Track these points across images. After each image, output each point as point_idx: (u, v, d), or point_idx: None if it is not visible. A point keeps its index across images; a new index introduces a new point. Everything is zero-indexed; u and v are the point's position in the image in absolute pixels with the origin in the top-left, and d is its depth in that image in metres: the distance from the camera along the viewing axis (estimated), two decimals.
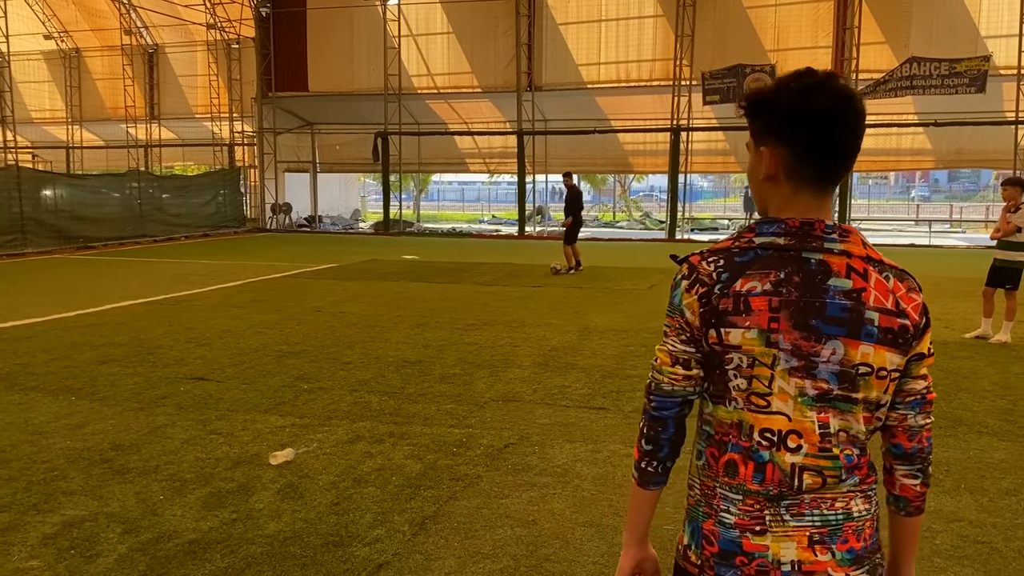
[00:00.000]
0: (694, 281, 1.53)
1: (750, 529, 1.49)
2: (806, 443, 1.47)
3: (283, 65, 27.17)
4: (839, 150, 1.50)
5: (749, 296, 1.47)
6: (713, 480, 1.54)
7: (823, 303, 1.45)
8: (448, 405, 5.98)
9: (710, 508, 1.54)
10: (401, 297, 11.62)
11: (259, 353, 7.74)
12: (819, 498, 1.48)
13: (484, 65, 25.19)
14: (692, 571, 1.56)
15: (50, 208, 19.40)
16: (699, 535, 1.55)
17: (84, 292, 12.06)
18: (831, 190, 1.54)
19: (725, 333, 1.48)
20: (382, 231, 26.73)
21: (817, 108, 1.47)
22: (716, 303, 1.49)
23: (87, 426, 5.41)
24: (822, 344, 1.45)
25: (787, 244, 1.48)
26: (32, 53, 32.16)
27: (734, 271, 1.49)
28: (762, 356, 1.47)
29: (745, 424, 1.50)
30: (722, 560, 1.51)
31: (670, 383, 1.58)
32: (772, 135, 1.53)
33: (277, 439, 5.16)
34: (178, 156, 33.54)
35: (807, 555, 1.47)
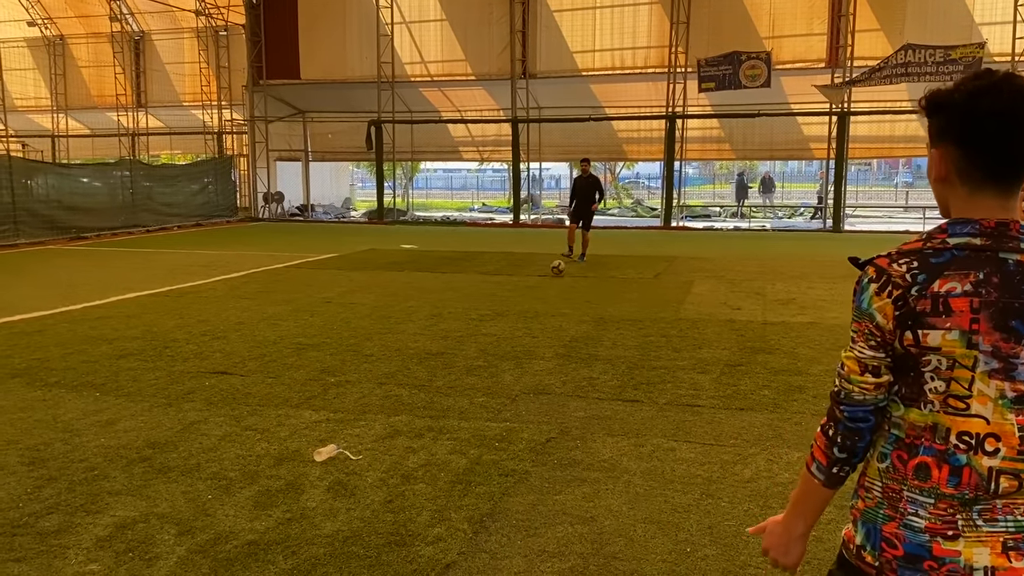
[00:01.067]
0: (885, 283, 1.50)
1: (941, 533, 1.48)
2: (1004, 446, 1.45)
3: (274, 52, 26.86)
4: (1012, 153, 1.47)
5: (949, 297, 1.45)
6: (900, 483, 1.53)
7: (1023, 304, 1.44)
8: (480, 398, 5.93)
9: (894, 511, 1.53)
10: (409, 287, 11.53)
11: (278, 345, 7.65)
12: (1012, 503, 1.47)
13: (478, 52, 25.01)
14: (869, 571, 1.55)
15: (42, 198, 19.11)
16: (877, 537, 1.54)
17: (86, 284, 11.90)
18: (1014, 192, 1.51)
19: (923, 335, 1.46)
20: (376, 220, 26.56)
21: (988, 110, 1.45)
22: (913, 304, 1.47)
23: (118, 423, 5.32)
24: (1022, 346, 1.44)
25: (983, 244, 1.47)
26: (15, 40, 31.62)
27: (931, 272, 1.47)
28: (963, 358, 1.45)
29: (941, 427, 1.48)
30: (908, 564, 1.50)
31: (861, 392, 1.56)
32: (944, 136, 1.52)
33: (315, 434, 5.10)
34: (165, 145, 33.15)
35: (1001, 561, 1.46)
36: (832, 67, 22.34)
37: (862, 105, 22.36)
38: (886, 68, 20.88)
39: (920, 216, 25.12)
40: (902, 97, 22.33)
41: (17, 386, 6.19)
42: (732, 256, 15.64)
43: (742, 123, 23.60)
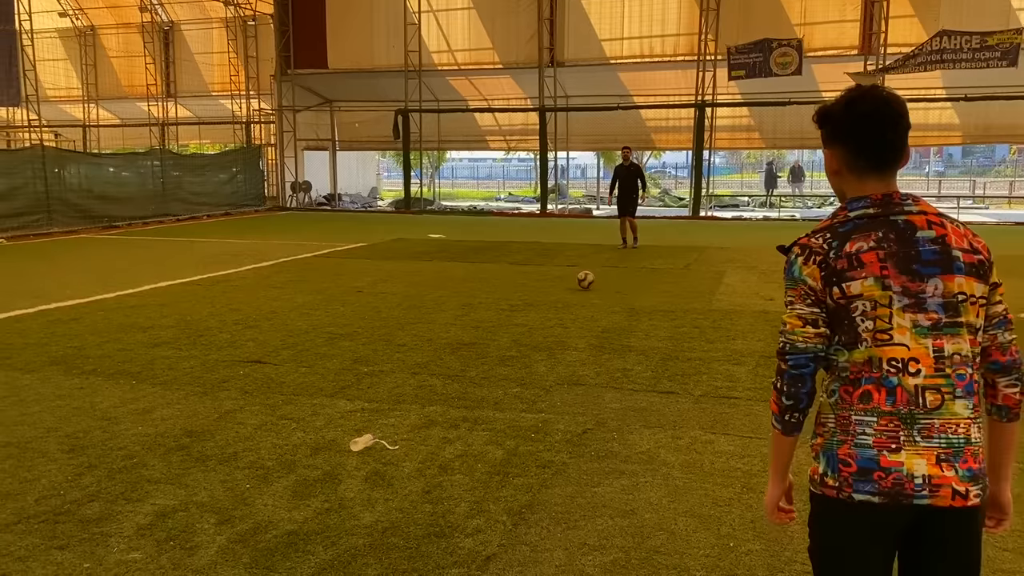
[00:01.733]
0: (808, 255, 1.87)
1: (886, 447, 1.80)
2: (923, 367, 1.80)
3: (302, 42, 26.93)
4: (883, 143, 1.89)
5: (860, 254, 1.82)
6: (848, 410, 1.85)
7: (917, 251, 1.82)
8: (514, 389, 5.90)
9: (845, 435, 1.84)
10: (438, 277, 11.52)
11: (310, 335, 7.67)
12: (945, 424, 1.80)
13: (505, 40, 24.91)
14: (830, 494, 1.85)
15: (74, 187, 19.33)
16: (834, 461, 1.85)
17: (119, 272, 12.01)
18: (890, 174, 1.91)
19: (847, 287, 1.82)
20: (403, 209, 26.60)
21: (860, 114, 1.89)
22: (833, 264, 1.83)
23: (155, 411, 5.35)
24: (925, 283, 1.81)
25: (876, 212, 1.86)
26: (48, 31, 31.96)
27: (841, 238, 1.85)
28: (881, 298, 1.81)
29: (875, 358, 1.82)
30: (861, 477, 1.81)
31: (804, 341, 1.87)
32: (833, 139, 1.95)
33: (350, 424, 5.09)
34: (194, 134, 33.42)
35: (935, 471, 1.78)
36: (865, 54, 21.98)
37: (896, 93, 21.96)
38: (921, 55, 20.50)
39: (954, 206, 24.67)
40: (935, 84, 21.97)
41: (55, 374, 6.25)
42: (762, 246, 15.45)
43: (772, 111, 23.31)
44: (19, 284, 10.87)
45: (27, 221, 17.57)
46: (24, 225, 17.44)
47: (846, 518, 1.85)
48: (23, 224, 17.43)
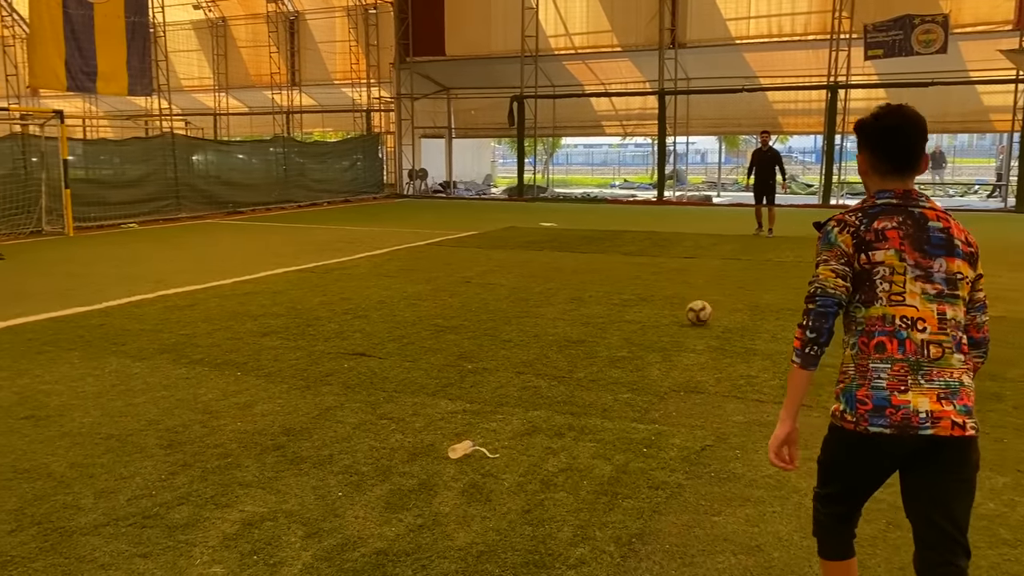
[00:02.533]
0: (844, 227, 2.31)
1: (896, 388, 2.19)
2: (929, 325, 2.22)
3: (420, 29, 27.06)
4: (901, 151, 2.32)
5: (884, 230, 2.27)
6: (866, 359, 2.25)
7: (928, 236, 2.27)
8: (625, 394, 5.48)
9: (863, 379, 2.24)
10: (548, 268, 11.18)
11: (417, 327, 7.47)
12: (942, 370, 2.20)
13: (625, 23, 24.21)
14: (848, 427, 2.26)
15: (201, 174, 20.06)
16: (853, 401, 2.25)
17: (238, 258, 12.27)
18: (910, 177, 2.35)
19: (872, 255, 2.26)
20: (516, 197, 26.40)
21: (885, 127, 2.32)
22: (863, 236, 2.27)
23: (256, 406, 5.24)
24: (932, 260, 2.26)
25: (898, 203, 2.31)
26: (182, 23, 33.44)
27: (870, 218, 2.30)
28: (898, 267, 2.24)
29: (888, 315, 2.23)
30: (875, 413, 2.20)
31: (833, 288, 2.27)
32: (863, 146, 2.38)
33: (451, 427, 4.81)
34: (318, 122, 34.30)
35: (936, 407, 2.18)
36: (1021, 30, 20.07)
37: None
38: None
39: None
40: None
41: (164, 362, 6.28)
42: None
43: (912, 93, 21.58)
44: (144, 269, 11.24)
45: (157, 206, 18.34)
46: (155, 210, 18.21)
47: (860, 445, 2.27)
48: (153, 209, 18.21)
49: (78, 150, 17.19)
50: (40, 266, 11.60)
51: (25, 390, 5.53)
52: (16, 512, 3.68)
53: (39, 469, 4.17)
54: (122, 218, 17.26)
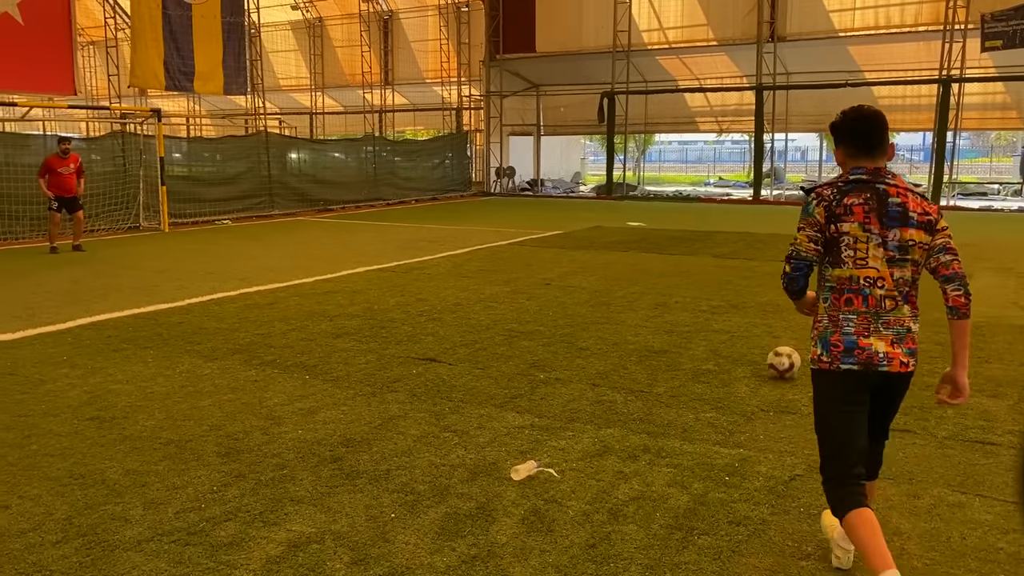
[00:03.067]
0: (820, 201, 2.93)
1: (861, 334, 2.89)
2: (886, 284, 2.89)
3: (511, 26, 26.90)
4: (864, 137, 2.95)
5: (852, 206, 2.87)
6: (837, 311, 2.93)
7: (887, 210, 2.87)
8: (708, 413, 5.08)
9: (835, 327, 2.93)
10: (633, 270, 10.77)
11: (490, 331, 7.22)
12: (895, 319, 2.90)
13: (722, 16, 23.43)
14: (824, 367, 2.96)
15: (294, 172, 20.40)
16: (828, 345, 2.94)
17: (323, 256, 12.31)
18: (879, 158, 2.95)
19: (840, 226, 2.89)
20: (604, 195, 25.93)
21: (849, 119, 2.99)
22: (834, 210, 2.89)
23: (319, 412, 5.07)
24: (888, 231, 2.87)
25: (867, 179, 2.91)
26: (281, 24, 34.27)
27: (842, 193, 2.90)
28: (861, 237, 2.87)
29: (854, 276, 2.90)
30: (846, 354, 2.90)
31: (806, 251, 2.97)
32: (838, 140, 3.01)
33: (516, 444, 4.52)
34: (409, 121, 34.61)
35: (888, 348, 2.89)
36: None
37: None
38: None
39: None
40: None
41: (235, 363, 6.21)
42: (1018, 243, 13.27)
43: None
44: (230, 266, 11.38)
45: (251, 204, 18.73)
46: (248, 207, 18.61)
47: (835, 381, 2.91)
48: (247, 206, 18.60)
49: (175, 148, 17.70)
50: (132, 261, 11.91)
51: (96, 389, 5.54)
52: (64, 522, 3.59)
53: (94, 475, 4.10)
54: (217, 215, 17.69)
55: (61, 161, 12.57)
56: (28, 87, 15.74)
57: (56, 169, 12.51)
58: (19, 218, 13.81)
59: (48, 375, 5.87)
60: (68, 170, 12.61)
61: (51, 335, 7.11)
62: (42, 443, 4.53)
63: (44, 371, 5.97)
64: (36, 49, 15.18)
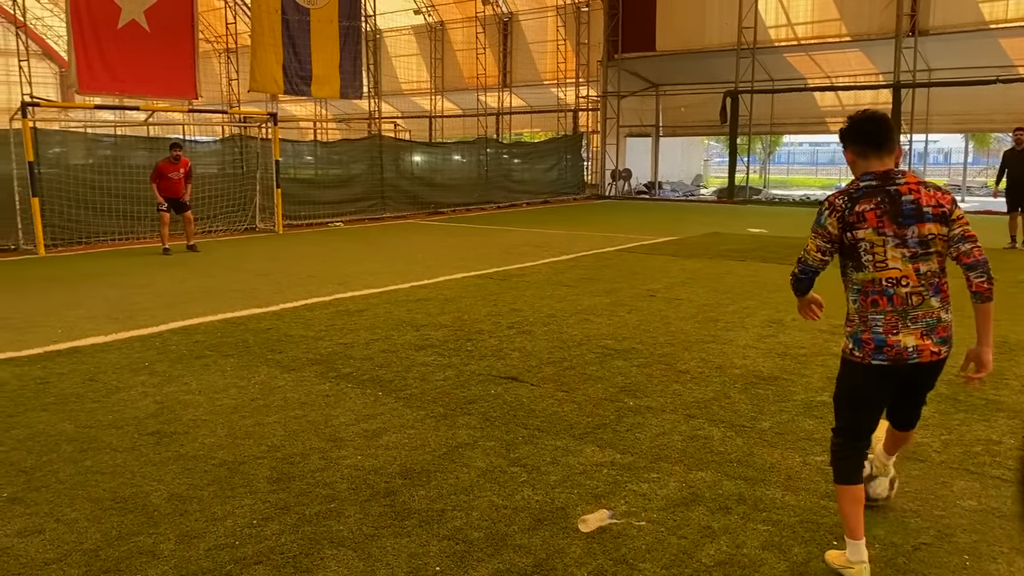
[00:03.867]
0: (832, 211, 3.08)
1: (890, 332, 3.02)
2: (910, 281, 3.02)
3: (630, 25, 26.21)
4: (871, 136, 3.09)
5: (864, 212, 3.01)
6: (865, 312, 3.07)
7: (901, 209, 3.00)
8: (819, 456, 4.40)
9: (865, 326, 3.07)
10: (748, 282, 9.99)
11: (582, 348, 6.71)
12: (923, 314, 3.02)
13: (856, 9, 21.96)
14: (856, 360, 3.11)
15: (406, 175, 20.47)
16: (860, 342, 3.09)
17: (424, 261, 12.12)
18: (887, 159, 3.09)
19: (855, 233, 3.03)
20: (726, 199, 24.83)
21: (856, 121, 3.17)
22: (847, 219, 3.03)
23: (384, 435, 4.72)
24: (906, 229, 3.00)
25: (877, 184, 3.05)
26: (403, 28, 34.77)
27: (853, 201, 3.05)
28: (877, 241, 3.01)
29: (876, 279, 3.04)
30: (876, 351, 3.04)
31: (813, 260, 3.19)
32: (846, 144, 3.21)
33: (591, 485, 4.01)
34: (526, 123, 34.39)
35: (918, 342, 3.02)
36: None
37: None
38: None
39: None
40: None
41: (312, 375, 5.97)
42: None
43: None
44: (333, 269, 11.33)
45: (363, 206, 18.88)
46: (361, 210, 18.76)
47: (866, 374, 3.10)
48: (360, 209, 18.76)
49: (291, 151, 18.03)
50: (240, 263, 12.06)
51: (167, 399, 5.39)
52: (91, 554, 3.35)
53: (138, 498, 3.87)
54: (330, 217, 17.91)
55: (172, 166, 12.92)
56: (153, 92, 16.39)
57: (167, 174, 12.88)
58: (140, 218, 14.32)
59: (125, 382, 5.79)
60: (177, 175, 12.97)
61: (141, 339, 7.11)
62: (97, 459, 4.37)
63: (123, 378, 5.90)
64: (161, 55, 15.76)
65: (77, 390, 5.61)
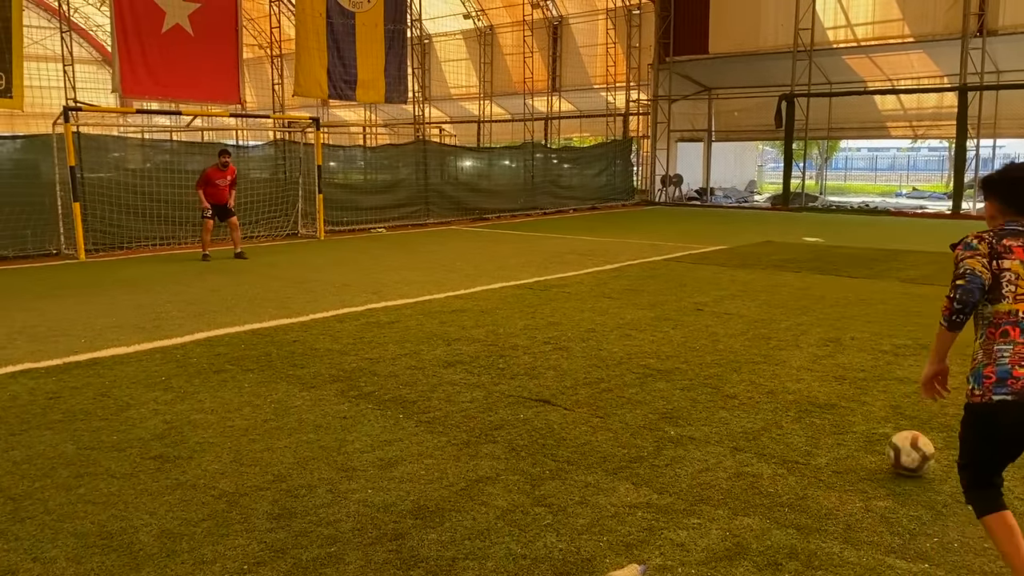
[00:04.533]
0: (981, 240, 3.00)
1: (1017, 363, 2.87)
2: None
3: (683, 27, 25.62)
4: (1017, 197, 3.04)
5: (1011, 247, 2.97)
6: (991, 343, 2.93)
7: None
8: (882, 501, 3.90)
9: (989, 359, 2.92)
10: (803, 295, 9.41)
11: (621, 368, 6.27)
12: None
13: (920, 9, 21.05)
14: (976, 400, 2.94)
15: (451, 180, 20.18)
16: (980, 377, 2.92)
17: (463, 269, 11.77)
18: None
19: (1001, 262, 2.95)
20: (780, 206, 24.04)
21: (1004, 178, 3.12)
22: (995, 247, 2.97)
23: (399, 465, 4.35)
24: None
25: (1021, 229, 3.01)
26: (453, 33, 34.62)
27: (999, 236, 3.01)
28: (1022, 273, 2.93)
29: (1014, 310, 2.92)
30: (999, 384, 2.87)
31: (980, 272, 2.92)
32: (990, 194, 3.16)
33: (622, 531, 3.58)
34: (575, 127, 33.92)
35: None
36: None
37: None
38: None
39: None
40: None
41: (331, 394, 5.64)
42: None
43: None
44: (369, 277, 11.05)
45: (407, 212, 18.65)
46: (404, 216, 18.54)
47: (987, 414, 2.92)
48: (404, 215, 18.54)
49: (334, 156, 17.89)
50: (277, 270, 11.85)
51: (177, 419, 5.11)
52: None
53: (125, 534, 3.56)
54: (373, 222, 17.71)
55: (220, 173, 12.81)
56: (196, 96, 16.38)
57: (214, 180, 12.77)
58: (183, 223, 14.26)
59: (138, 398, 5.53)
60: (224, 182, 12.86)
61: (162, 351, 6.88)
62: (91, 486, 4.08)
63: (136, 393, 5.64)
64: (204, 59, 15.74)
65: (87, 406, 5.36)
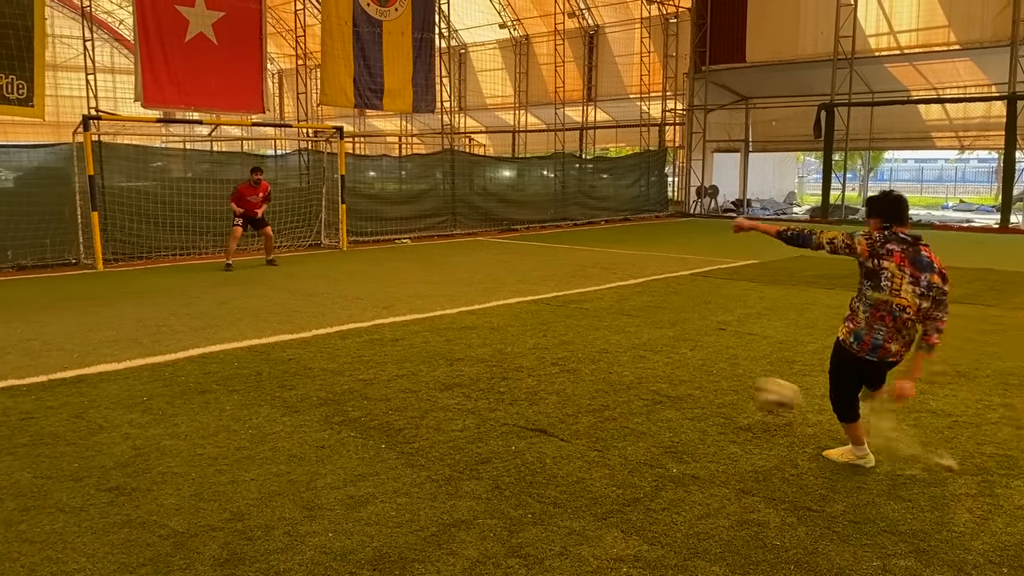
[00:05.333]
0: (868, 239, 4.21)
1: (887, 341, 4.18)
2: (911, 309, 4.14)
3: (719, 35, 25.05)
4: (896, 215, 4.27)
5: (892, 251, 4.15)
6: (872, 321, 4.18)
7: (920, 260, 4.14)
8: (905, 559, 3.43)
9: (869, 331, 4.20)
10: (833, 314, 8.88)
11: (630, 393, 5.84)
12: (910, 331, 4.21)
13: (966, 15, 20.27)
14: (852, 351, 4.29)
15: (478, 190, 19.86)
16: (861, 339, 4.23)
17: (482, 282, 11.41)
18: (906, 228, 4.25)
19: (881, 262, 4.15)
20: (819, 218, 23.31)
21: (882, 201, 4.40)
22: (877, 249, 4.18)
23: (369, 505, 3.98)
24: (923, 274, 4.12)
25: (905, 238, 4.18)
26: (489, 43, 34.41)
27: (886, 239, 4.19)
28: (897, 274, 4.12)
29: (890, 302, 4.14)
30: (871, 350, 4.22)
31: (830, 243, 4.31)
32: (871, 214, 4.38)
33: None
34: (611, 137, 33.43)
35: (899, 348, 4.24)
36: None
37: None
38: None
39: None
40: None
41: (315, 419, 5.30)
42: None
43: None
44: (383, 290, 10.75)
45: (433, 223, 18.37)
46: (430, 226, 18.25)
47: (854, 359, 4.30)
48: (429, 225, 18.25)
49: (358, 166, 17.68)
50: (291, 282, 11.59)
51: (146, 445, 4.81)
52: None
53: None
54: (397, 233, 17.45)
55: (252, 190, 12.76)
56: (219, 105, 16.31)
57: (246, 197, 12.73)
58: (203, 233, 14.13)
59: (112, 420, 5.25)
60: (256, 199, 12.85)
61: (152, 368, 6.61)
62: (34, 523, 3.78)
63: (112, 415, 5.36)
64: (228, 68, 15.65)
65: (57, 428, 5.09)
